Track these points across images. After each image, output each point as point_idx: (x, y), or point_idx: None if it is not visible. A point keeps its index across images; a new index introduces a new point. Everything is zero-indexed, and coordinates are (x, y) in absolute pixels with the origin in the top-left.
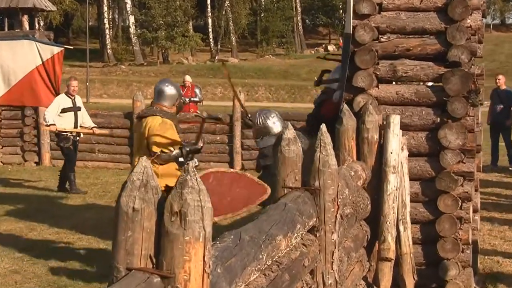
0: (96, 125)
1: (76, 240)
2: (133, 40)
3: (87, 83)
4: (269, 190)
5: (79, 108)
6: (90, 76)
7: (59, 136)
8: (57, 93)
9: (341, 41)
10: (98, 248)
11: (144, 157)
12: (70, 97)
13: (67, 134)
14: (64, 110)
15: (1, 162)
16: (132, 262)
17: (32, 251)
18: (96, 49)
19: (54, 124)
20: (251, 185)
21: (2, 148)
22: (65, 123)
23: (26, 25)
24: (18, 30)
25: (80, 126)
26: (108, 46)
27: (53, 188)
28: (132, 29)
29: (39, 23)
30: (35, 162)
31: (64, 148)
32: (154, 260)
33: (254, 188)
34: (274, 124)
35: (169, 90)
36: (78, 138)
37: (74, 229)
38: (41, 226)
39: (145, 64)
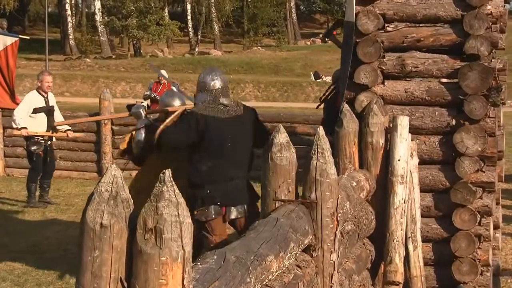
0: (71, 128)
1: (34, 261)
2: (99, 29)
3: None
4: None
5: (52, 108)
6: (50, 70)
7: (29, 140)
8: (11, 91)
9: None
10: (60, 270)
11: (114, 165)
12: (42, 95)
13: (39, 139)
14: (35, 111)
15: None
16: (100, 286)
17: None
18: (57, 40)
19: (25, 128)
20: None
21: None
22: (37, 125)
23: None
24: None
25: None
26: (71, 36)
27: (7, 201)
28: (98, 16)
29: None
30: None
31: (33, 154)
32: (125, 284)
33: None
34: (213, 81)
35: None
36: (50, 142)
37: (33, 249)
38: None
39: (113, 57)
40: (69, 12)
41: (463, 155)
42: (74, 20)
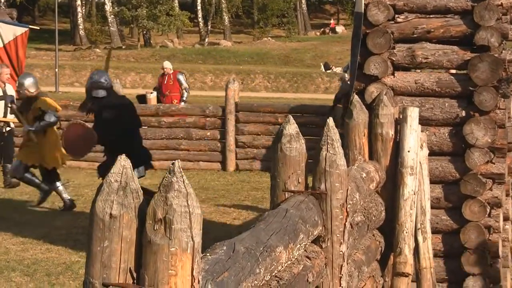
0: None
1: (44, 251)
2: (109, 19)
3: (56, 69)
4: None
5: (10, 97)
6: (60, 61)
7: None
8: None
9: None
10: (70, 261)
11: (123, 156)
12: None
13: None
14: None
15: None
16: (109, 277)
17: None
18: (67, 30)
19: None
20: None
21: None
22: None
23: None
24: None
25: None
26: (81, 27)
27: (16, 192)
28: (108, 7)
29: None
30: None
31: None
32: (134, 275)
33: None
34: (106, 80)
35: None
36: (8, 128)
37: (42, 239)
38: (3, 235)
39: (123, 47)
40: (79, 2)
41: (473, 147)
42: (84, 10)
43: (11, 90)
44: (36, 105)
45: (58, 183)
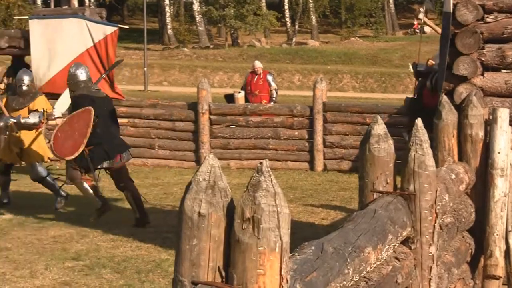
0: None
1: (134, 249)
2: (197, 19)
3: (145, 69)
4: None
5: None
6: (148, 60)
7: None
8: (110, 80)
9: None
10: (159, 258)
11: (211, 155)
12: None
13: None
14: None
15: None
16: (198, 275)
17: (84, 261)
18: (155, 29)
19: (60, 117)
20: (81, 114)
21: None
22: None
23: (74, 1)
24: (66, 7)
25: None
26: (169, 26)
27: (105, 190)
28: (196, 6)
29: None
30: None
31: None
32: (223, 273)
33: (84, 115)
34: (81, 74)
35: None
36: None
37: (131, 237)
38: (94, 232)
39: (211, 46)
40: (167, 1)
41: None
42: (172, 10)
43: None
44: (35, 102)
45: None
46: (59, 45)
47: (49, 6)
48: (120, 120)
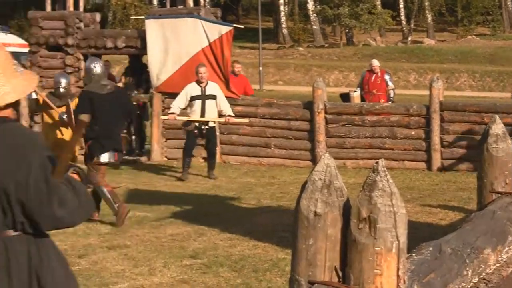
0: (233, 114)
1: (250, 247)
2: (311, 18)
3: (260, 68)
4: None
5: (210, 96)
6: (263, 59)
7: (185, 122)
8: (226, 79)
9: None
10: (276, 257)
11: (327, 154)
12: (199, 85)
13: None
14: (192, 98)
15: (166, 157)
16: (315, 275)
17: (202, 259)
18: (270, 29)
19: (173, 113)
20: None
21: (166, 141)
22: (192, 112)
23: (190, 1)
24: (182, 6)
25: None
26: (283, 25)
27: (223, 188)
28: (310, 5)
29: None
30: (203, 158)
31: (187, 132)
32: (340, 273)
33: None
34: (95, 67)
35: None
36: (207, 127)
37: (248, 235)
38: (211, 231)
39: (326, 45)
40: (281, 1)
41: None
42: (286, 9)
43: (213, 89)
44: (72, 103)
45: None
46: (175, 45)
47: (165, 6)
48: (239, 120)
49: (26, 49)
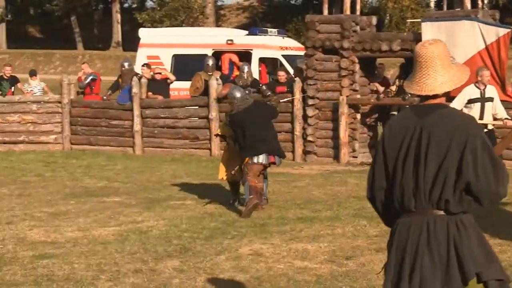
0: (509, 117)
1: None
2: None
3: None
4: None
5: (488, 99)
6: None
7: None
8: (502, 82)
9: None
10: None
11: None
12: (478, 88)
13: None
14: (470, 101)
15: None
16: None
17: None
18: None
19: None
20: None
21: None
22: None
23: (467, 3)
24: (459, 9)
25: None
26: None
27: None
28: None
29: (482, 1)
30: None
31: None
32: None
33: None
34: (233, 93)
35: None
36: (485, 130)
37: None
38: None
39: None
40: None
41: None
42: None
43: (491, 92)
44: None
45: None
46: (451, 48)
47: (442, 8)
48: None
49: (302, 52)
